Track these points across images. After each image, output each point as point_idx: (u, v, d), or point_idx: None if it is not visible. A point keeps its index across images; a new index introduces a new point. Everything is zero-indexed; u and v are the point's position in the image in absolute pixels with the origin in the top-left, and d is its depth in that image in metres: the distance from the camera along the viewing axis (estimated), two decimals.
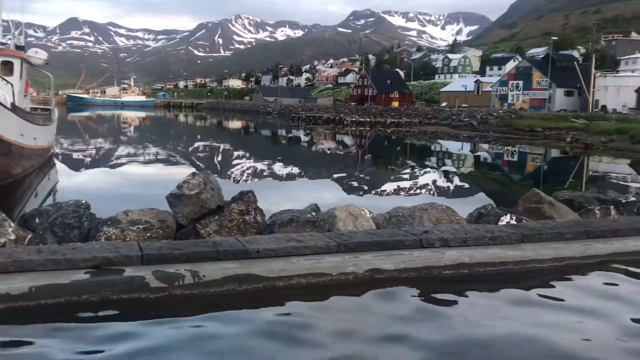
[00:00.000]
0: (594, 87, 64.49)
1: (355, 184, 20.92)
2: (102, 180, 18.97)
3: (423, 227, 5.36)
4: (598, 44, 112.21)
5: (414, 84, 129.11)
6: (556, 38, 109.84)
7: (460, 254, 4.52)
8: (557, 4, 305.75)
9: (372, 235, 4.71)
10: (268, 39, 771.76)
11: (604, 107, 64.97)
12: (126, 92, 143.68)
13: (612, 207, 6.65)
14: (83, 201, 5.56)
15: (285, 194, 16.85)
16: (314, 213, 5.91)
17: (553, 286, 4.23)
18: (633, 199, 7.05)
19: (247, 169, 24.84)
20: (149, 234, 5.19)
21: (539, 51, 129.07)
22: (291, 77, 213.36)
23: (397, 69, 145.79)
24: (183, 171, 18.50)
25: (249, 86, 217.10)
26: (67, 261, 3.82)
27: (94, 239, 5.00)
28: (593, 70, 64.91)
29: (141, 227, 5.21)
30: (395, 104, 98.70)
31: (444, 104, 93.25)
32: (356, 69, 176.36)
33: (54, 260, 3.81)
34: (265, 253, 4.20)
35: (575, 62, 78.81)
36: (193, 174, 5.74)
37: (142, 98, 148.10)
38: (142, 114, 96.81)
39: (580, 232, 5.16)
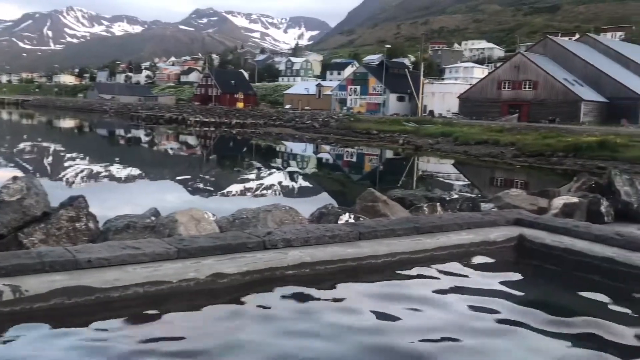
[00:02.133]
0: (422, 93, 69.98)
1: (199, 185, 20.52)
2: None
3: (267, 228, 5.38)
4: (426, 53, 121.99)
5: (258, 85, 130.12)
6: (389, 46, 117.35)
7: (303, 253, 4.60)
8: (390, 13, 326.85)
9: (214, 239, 4.62)
10: (104, 33, 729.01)
11: (431, 112, 70.77)
12: None
13: (438, 204, 7.22)
14: None
15: (123, 198, 16.00)
16: (153, 218, 5.66)
17: (388, 279, 4.48)
18: (456, 196, 7.73)
19: (80, 171, 23.21)
20: None
21: (374, 58, 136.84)
22: (130, 74, 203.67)
23: (242, 70, 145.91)
24: (4, 175, 16.75)
25: (83, 83, 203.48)
26: None
27: None
28: (422, 77, 70.42)
29: None
30: (240, 104, 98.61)
31: (287, 106, 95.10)
32: (199, 68, 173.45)
33: None
34: (97, 262, 3.92)
35: (406, 70, 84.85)
36: (14, 178, 5.20)
37: None
38: None
39: (411, 228, 5.52)
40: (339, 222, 6.13)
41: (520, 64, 61.87)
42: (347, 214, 6.45)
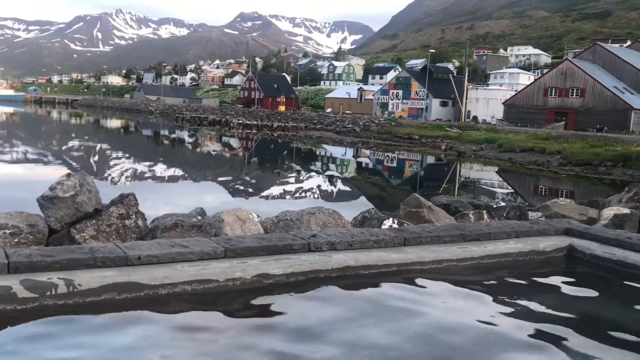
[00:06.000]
0: (466, 99, 69.01)
1: (241, 187, 20.74)
2: None
3: (311, 231, 5.39)
4: (470, 58, 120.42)
5: (300, 89, 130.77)
6: (433, 51, 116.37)
7: (347, 257, 4.59)
8: (434, 18, 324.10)
9: (260, 239, 4.65)
10: (151, 35, 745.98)
11: (475, 118, 69.74)
12: None
13: (484, 211, 7.10)
14: None
15: (169, 197, 16.30)
16: (199, 217, 5.74)
17: (434, 285, 4.42)
18: (503, 204, 7.59)
19: (127, 170, 23.77)
20: (16, 240, 4.76)
21: (417, 62, 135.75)
22: (175, 76, 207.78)
23: (284, 74, 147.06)
24: (56, 172, 17.28)
25: (130, 84, 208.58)
26: None
27: None
28: (466, 82, 69.47)
29: (8, 232, 4.77)
30: (282, 108, 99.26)
31: (328, 110, 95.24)
32: (243, 71, 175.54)
33: None
34: (147, 259, 4.00)
35: (450, 75, 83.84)
36: (68, 175, 5.35)
37: (10, 92, 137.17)
38: (10, 110, 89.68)
39: (457, 235, 5.44)
40: (382, 227, 6.09)
41: (568, 70, 60.33)
42: (390, 219, 6.40)
